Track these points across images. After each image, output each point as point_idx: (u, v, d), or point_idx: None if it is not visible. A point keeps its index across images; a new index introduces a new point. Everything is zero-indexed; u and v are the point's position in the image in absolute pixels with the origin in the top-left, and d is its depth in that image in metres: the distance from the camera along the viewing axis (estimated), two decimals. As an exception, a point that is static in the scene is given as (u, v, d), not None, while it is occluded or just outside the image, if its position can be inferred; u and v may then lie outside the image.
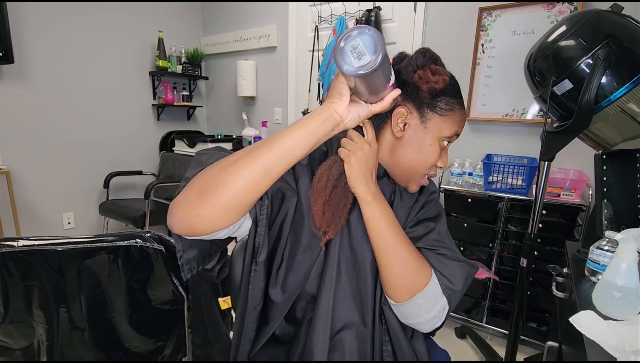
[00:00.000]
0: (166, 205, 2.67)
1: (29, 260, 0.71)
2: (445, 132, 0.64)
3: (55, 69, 2.40)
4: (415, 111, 0.63)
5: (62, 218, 2.59)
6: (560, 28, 0.96)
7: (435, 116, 0.63)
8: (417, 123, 0.63)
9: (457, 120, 0.65)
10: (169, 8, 2.99)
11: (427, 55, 0.63)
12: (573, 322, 0.69)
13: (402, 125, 0.63)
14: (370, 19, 2.17)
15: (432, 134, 0.63)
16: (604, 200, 1.04)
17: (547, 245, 1.62)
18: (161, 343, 0.89)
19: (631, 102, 0.86)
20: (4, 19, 2.01)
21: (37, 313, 0.76)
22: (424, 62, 0.62)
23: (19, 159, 2.30)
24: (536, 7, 1.76)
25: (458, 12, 2.01)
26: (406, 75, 0.62)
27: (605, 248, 0.83)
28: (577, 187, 1.60)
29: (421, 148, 0.64)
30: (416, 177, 0.67)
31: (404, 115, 0.63)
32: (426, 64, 0.62)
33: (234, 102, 3.18)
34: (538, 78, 1.02)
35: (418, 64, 0.62)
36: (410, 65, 0.62)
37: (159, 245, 0.79)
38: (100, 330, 0.81)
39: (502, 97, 1.92)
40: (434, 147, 0.64)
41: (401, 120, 0.63)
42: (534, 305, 1.72)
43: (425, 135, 0.63)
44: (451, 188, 1.88)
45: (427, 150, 0.64)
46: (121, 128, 2.82)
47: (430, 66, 0.61)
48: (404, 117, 0.63)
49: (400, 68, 0.63)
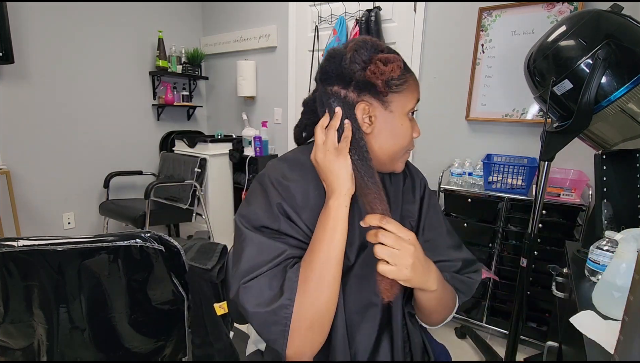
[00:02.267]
0: (166, 205, 2.69)
1: (29, 260, 0.71)
2: (409, 105, 0.63)
3: (56, 69, 2.40)
4: (374, 100, 0.61)
5: (62, 218, 2.59)
6: (560, 28, 0.96)
7: (395, 96, 0.62)
8: (382, 111, 0.62)
9: (413, 88, 0.64)
10: (169, 8, 2.99)
11: (369, 45, 0.61)
12: (573, 322, 0.69)
13: (369, 119, 0.62)
14: (370, 19, 2.17)
15: (399, 114, 0.63)
16: (604, 200, 1.04)
17: (547, 245, 1.62)
18: (161, 343, 0.89)
19: (631, 102, 0.86)
20: (4, 19, 2.01)
21: (37, 313, 0.76)
22: (368, 55, 0.60)
23: (19, 159, 2.31)
24: (536, 7, 1.76)
25: (458, 12, 2.01)
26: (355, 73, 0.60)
27: (605, 248, 0.83)
28: (577, 187, 1.60)
29: (395, 132, 0.63)
30: (399, 157, 0.67)
31: (366, 110, 0.61)
32: (372, 55, 0.60)
33: (234, 102, 3.18)
34: (538, 78, 1.02)
35: (364, 59, 0.60)
36: (356, 63, 0.60)
37: (159, 245, 0.79)
38: (100, 330, 0.81)
39: (502, 97, 1.92)
40: (405, 125, 0.64)
41: (366, 115, 0.62)
42: (534, 305, 1.72)
43: (393, 118, 0.63)
44: (451, 188, 1.88)
45: (400, 131, 0.64)
46: (121, 128, 2.82)
47: (377, 57, 0.59)
48: (367, 112, 0.61)
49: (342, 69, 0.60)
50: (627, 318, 0.52)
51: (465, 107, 2.03)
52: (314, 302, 0.54)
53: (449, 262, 0.70)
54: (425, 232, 0.72)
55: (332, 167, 0.59)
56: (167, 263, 0.81)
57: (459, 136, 2.11)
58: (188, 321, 0.90)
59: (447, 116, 2.13)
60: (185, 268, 0.85)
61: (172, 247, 0.81)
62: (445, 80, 2.11)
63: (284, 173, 0.63)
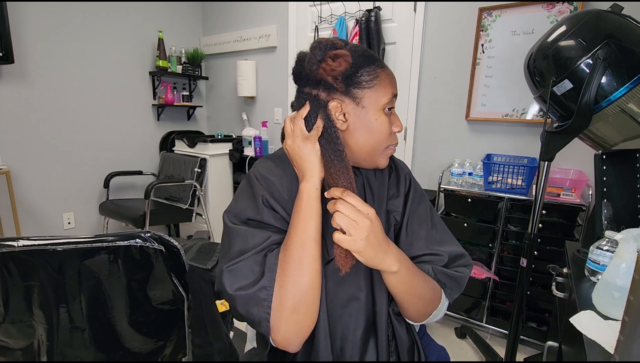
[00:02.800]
0: (166, 205, 2.69)
1: (29, 260, 0.71)
2: (383, 100, 0.64)
3: (55, 69, 2.40)
4: (345, 97, 0.63)
5: (62, 218, 2.59)
6: (560, 28, 0.96)
7: (365, 91, 0.62)
8: (354, 106, 0.63)
9: (386, 83, 0.64)
10: (169, 8, 2.99)
11: (322, 45, 0.62)
12: (573, 322, 0.69)
13: (342, 116, 0.63)
14: (370, 19, 2.17)
15: (372, 108, 0.63)
16: (604, 200, 1.04)
17: (547, 245, 1.62)
18: (161, 343, 0.89)
19: (631, 102, 0.86)
20: (4, 19, 2.01)
21: (37, 313, 0.76)
22: (322, 54, 0.61)
23: (19, 159, 2.31)
24: (536, 7, 1.76)
25: (458, 12, 2.01)
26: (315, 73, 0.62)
27: (605, 248, 0.83)
28: (577, 187, 1.60)
29: (369, 127, 0.64)
30: (379, 153, 0.67)
31: (338, 107, 0.63)
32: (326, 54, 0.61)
33: (234, 102, 3.18)
34: (538, 78, 1.02)
35: (319, 59, 0.61)
36: (312, 64, 0.62)
37: (159, 245, 0.79)
38: (101, 330, 0.81)
39: (502, 97, 1.92)
40: (380, 119, 0.64)
41: (338, 112, 0.63)
42: (534, 305, 1.72)
43: (366, 113, 0.63)
44: (451, 188, 1.88)
45: (376, 126, 0.64)
46: (121, 128, 2.82)
47: (328, 54, 0.61)
48: (339, 109, 0.63)
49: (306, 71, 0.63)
50: (627, 318, 0.52)
51: (465, 107, 2.03)
52: (295, 282, 0.55)
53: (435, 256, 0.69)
54: (410, 225, 0.71)
55: (301, 153, 0.62)
56: (167, 263, 0.81)
57: (459, 136, 2.11)
58: (188, 321, 0.90)
59: (447, 116, 2.13)
60: (185, 268, 0.85)
61: (172, 247, 0.81)
62: (445, 80, 2.11)
63: (269, 169, 0.66)
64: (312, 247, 0.57)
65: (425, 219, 0.72)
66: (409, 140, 2.27)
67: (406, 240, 0.70)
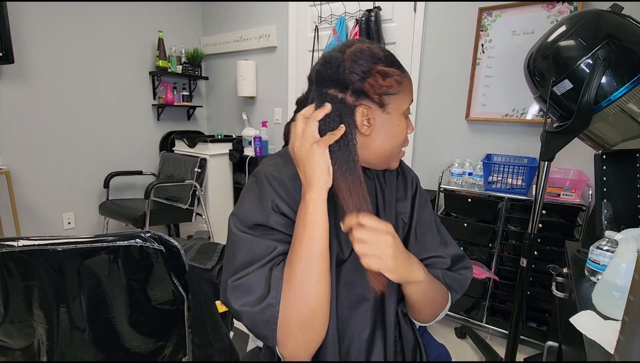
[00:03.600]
0: (166, 205, 2.69)
1: (29, 260, 0.71)
2: (404, 105, 0.64)
3: (55, 69, 2.40)
4: (372, 104, 0.61)
5: (62, 218, 2.59)
6: (560, 28, 0.96)
7: (392, 97, 0.62)
8: (380, 113, 0.62)
9: (408, 88, 0.64)
10: (169, 8, 2.99)
11: (367, 55, 0.59)
12: (573, 322, 0.69)
13: (367, 122, 0.61)
14: (370, 19, 2.17)
15: (396, 114, 0.63)
16: (604, 200, 1.04)
17: (547, 245, 1.62)
18: (161, 343, 0.89)
19: (631, 102, 0.86)
20: (4, 19, 2.01)
21: (37, 313, 0.76)
22: (367, 66, 0.59)
23: (19, 159, 2.31)
24: (536, 7, 1.76)
25: (458, 12, 2.01)
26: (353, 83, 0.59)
27: (605, 248, 0.83)
28: (577, 187, 1.60)
29: (392, 132, 0.64)
30: (394, 156, 0.67)
31: (365, 114, 0.61)
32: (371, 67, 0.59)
33: (234, 102, 3.18)
34: (538, 78, 1.02)
35: (363, 70, 0.58)
36: (355, 74, 0.58)
37: (159, 245, 0.79)
38: (101, 330, 0.81)
39: (502, 97, 1.92)
40: (402, 124, 0.64)
41: (365, 119, 0.61)
42: (534, 305, 1.72)
43: (391, 119, 0.63)
44: (451, 188, 1.88)
45: (398, 131, 0.64)
46: (121, 128, 2.82)
47: (376, 69, 0.59)
48: (366, 115, 0.61)
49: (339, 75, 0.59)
50: (627, 318, 0.52)
51: (465, 107, 2.03)
52: (300, 300, 0.54)
53: (439, 258, 0.70)
54: (418, 229, 0.72)
55: (309, 159, 0.57)
56: (167, 263, 0.81)
57: (459, 136, 2.11)
58: (188, 321, 0.90)
59: (447, 116, 2.13)
60: (185, 268, 0.85)
61: (172, 247, 0.81)
62: (445, 80, 2.11)
63: (279, 168, 0.63)
64: (320, 261, 0.55)
65: (430, 223, 0.73)
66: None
67: (415, 244, 0.71)
